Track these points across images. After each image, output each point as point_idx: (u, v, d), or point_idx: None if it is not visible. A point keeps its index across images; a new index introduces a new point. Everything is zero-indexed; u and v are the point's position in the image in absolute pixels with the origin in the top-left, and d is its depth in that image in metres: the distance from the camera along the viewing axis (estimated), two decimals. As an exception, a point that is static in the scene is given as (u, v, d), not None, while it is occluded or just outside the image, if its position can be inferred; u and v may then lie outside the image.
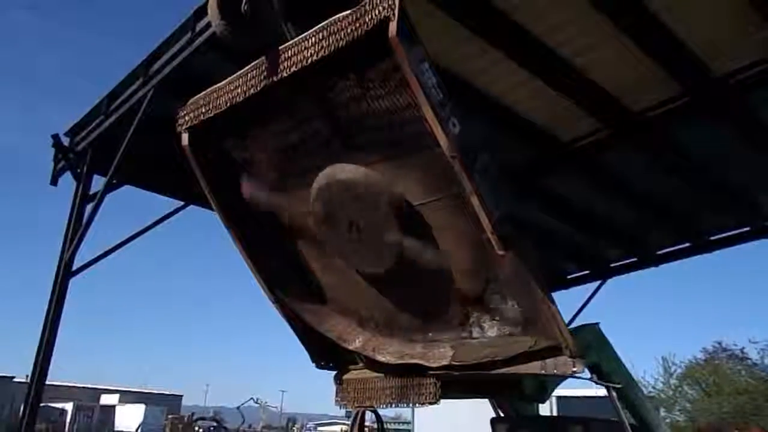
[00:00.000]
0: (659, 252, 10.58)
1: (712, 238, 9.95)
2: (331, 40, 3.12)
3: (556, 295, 3.27)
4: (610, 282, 11.31)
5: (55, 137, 8.35)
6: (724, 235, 9.85)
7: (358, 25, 3.00)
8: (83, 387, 68.52)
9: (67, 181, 8.40)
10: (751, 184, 8.45)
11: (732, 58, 6.15)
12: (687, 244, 10.22)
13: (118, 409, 57.87)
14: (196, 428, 55.76)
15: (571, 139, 7.62)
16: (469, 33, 5.73)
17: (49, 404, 45.00)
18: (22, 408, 7.68)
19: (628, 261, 11.00)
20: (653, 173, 8.21)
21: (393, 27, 2.84)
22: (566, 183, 8.65)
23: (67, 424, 49.39)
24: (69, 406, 51.76)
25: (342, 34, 3.06)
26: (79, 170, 8.28)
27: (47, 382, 7.78)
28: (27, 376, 7.91)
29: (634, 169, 8.16)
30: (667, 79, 6.37)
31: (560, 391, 7.00)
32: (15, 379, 47.22)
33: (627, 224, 9.85)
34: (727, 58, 6.15)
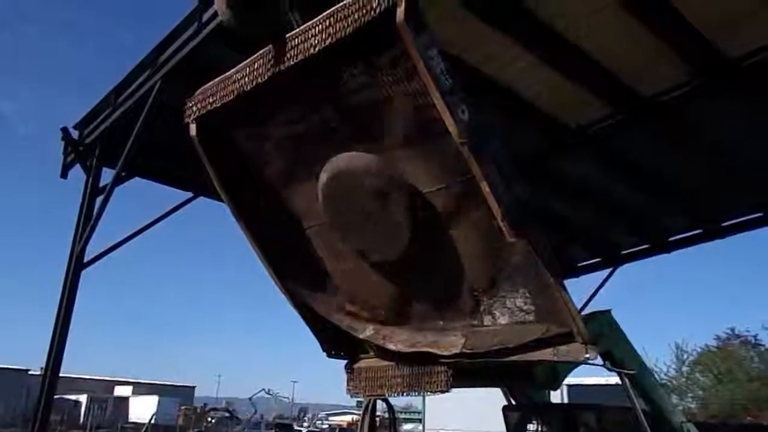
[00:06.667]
0: (671, 238, 10.51)
1: (725, 224, 9.87)
2: (337, 27, 3.08)
3: (567, 283, 3.24)
4: (622, 269, 11.26)
5: (65, 130, 8.37)
6: (736, 220, 9.76)
7: (365, 11, 2.96)
8: (97, 379, 69.23)
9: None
10: (765, 168, 8.35)
11: (744, 40, 6.08)
12: (699, 230, 10.14)
13: (131, 400, 58.52)
14: (209, 419, 56.37)
15: (581, 124, 7.56)
16: (476, 19, 5.68)
17: (64, 396, 45.55)
18: (37, 400, 7.75)
19: (639, 248, 10.94)
20: (665, 159, 8.15)
21: (401, 13, 2.80)
22: (577, 169, 8.59)
23: (81, 416, 49.94)
24: (83, 398, 52.39)
25: (349, 20, 3.03)
26: (88, 163, 8.31)
27: (61, 375, 7.85)
28: (41, 368, 7.97)
29: (646, 155, 8.09)
30: (678, 62, 6.30)
31: (571, 379, 6.98)
32: (30, 372, 47.78)
33: (639, 210, 9.79)
34: (739, 40, 6.08)
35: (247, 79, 3.65)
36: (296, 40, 3.35)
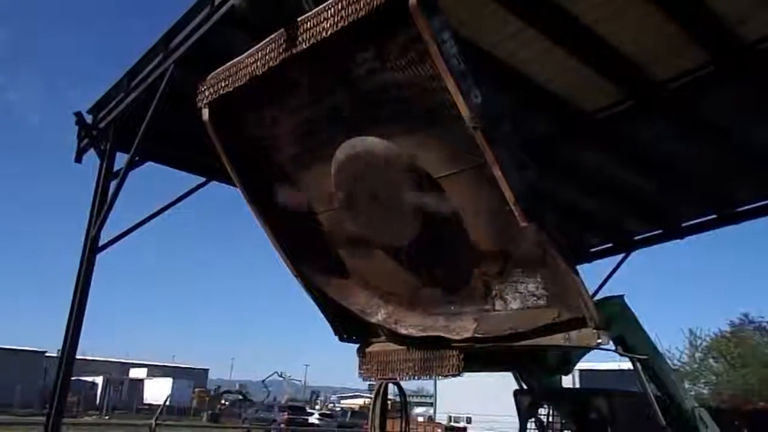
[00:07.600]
0: (684, 224, 10.41)
1: (739, 209, 9.75)
2: (349, 11, 3.07)
3: (579, 268, 3.23)
4: (635, 254, 11.19)
5: (78, 115, 8.40)
6: (752, 206, 9.64)
7: (377, -6, 2.94)
8: (113, 361, 70.18)
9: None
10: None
11: (758, 25, 5.97)
12: (713, 216, 10.04)
13: (146, 382, 59.25)
14: (223, 401, 57.05)
15: (594, 109, 7.48)
16: (490, 2, 5.62)
17: (80, 378, 46.18)
18: (54, 381, 7.87)
19: (652, 233, 10.86)
20: (678, 143, 8.04)
21: (413, -5, 2.78)
22: (589, 154, 8.51)
23: (97, 397, 50.66)
24: (99, 380, 53.10)
25: (361, 3, 3.00)
26: (102, 147, 8.34)
27: (78, 357, 7.96)
28: (58, 350, 8.08)
29: (659, 140, 8.00)
30: (692, 47, 6.21)
31: (583, 364, 6.98)
32: (47, 354, 48.48)
33: (651, 196, 9.70)
34: (753, 25, 5.98)
35: (259, 63, 3.65)
36: (308, 23, 3.34)
